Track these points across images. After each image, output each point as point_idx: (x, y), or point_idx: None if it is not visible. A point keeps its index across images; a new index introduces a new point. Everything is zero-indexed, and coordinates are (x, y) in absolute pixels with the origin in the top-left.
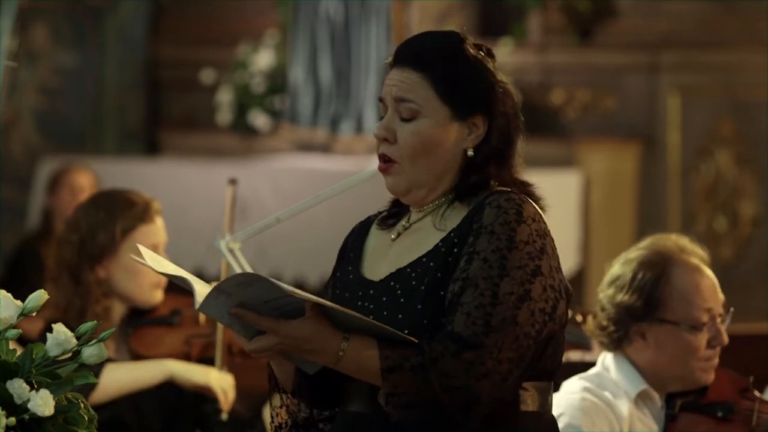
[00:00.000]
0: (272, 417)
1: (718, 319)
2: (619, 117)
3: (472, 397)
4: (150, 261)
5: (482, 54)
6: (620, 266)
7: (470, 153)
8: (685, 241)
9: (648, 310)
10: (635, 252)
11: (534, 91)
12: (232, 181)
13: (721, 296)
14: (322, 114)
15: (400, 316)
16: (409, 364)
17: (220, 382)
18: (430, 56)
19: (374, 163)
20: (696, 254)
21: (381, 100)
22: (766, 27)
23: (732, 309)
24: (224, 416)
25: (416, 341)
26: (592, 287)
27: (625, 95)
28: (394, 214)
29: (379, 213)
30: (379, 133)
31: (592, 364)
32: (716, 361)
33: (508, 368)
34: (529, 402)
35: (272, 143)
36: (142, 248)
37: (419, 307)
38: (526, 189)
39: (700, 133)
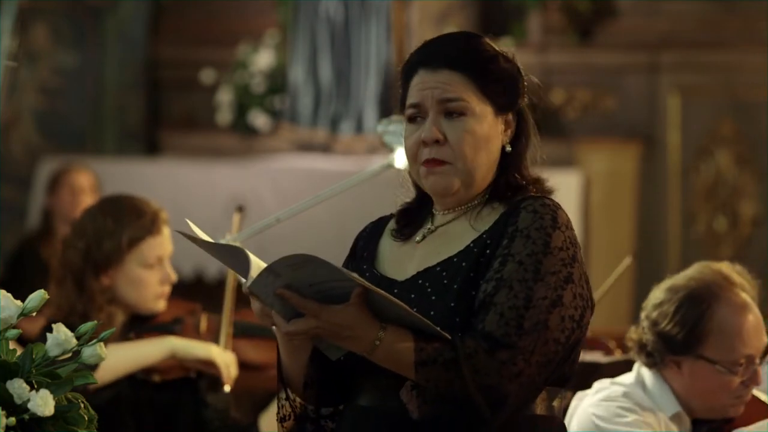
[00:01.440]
0: (278, 408)
1: (757, 362)
2: (619, 117)
3: (502, 397)
4: (200, 235)
5: (506, 49)
6: (666, 292)
7: (508, 149)
8: (734, 273)
9: (687, 345)
10: (683, 280)
11: (534, 91)
12: (240, 209)
13: (764, 336)
14: (322, 114)
15: (432, 312)
16: (443, 358)
17: (222, 356)
18: (465, 55)
19: (374, 163)
20: (744, 288)
21: (416, 105)
22: (766, 27)
23: None
24: (227, 388)
25: (449, 337)
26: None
27: (625, 95)
28: (407, 224)
29: (392, 216)
30: (429, 135)
31: (591, 364)
32: (748, 397)
33: (536, 371)
34: (539, 405)
35: (272, 143)
36: (190, 223)
37: (452, 305)
38: (542, 186)
39: (700, 133)
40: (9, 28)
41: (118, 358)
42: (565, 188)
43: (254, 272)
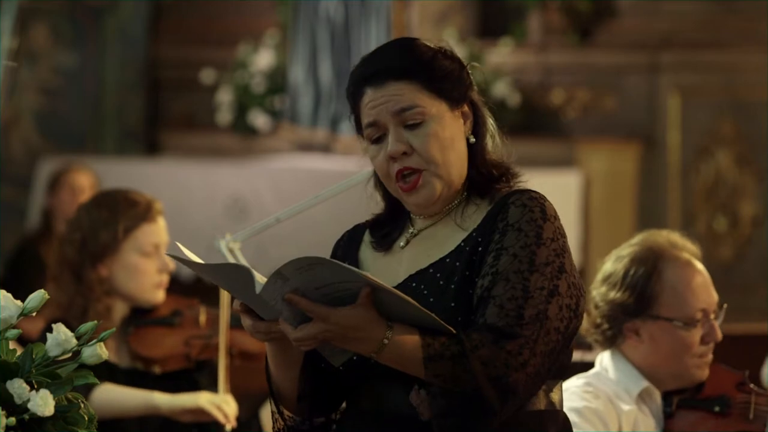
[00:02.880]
0: (273, 421)
1: (712, 316)
2: (619, 117)
3: (510, 387)
4: (191, 257)
5: (442, 44)
6: (612, 263)
7: (472, 140)
8: (676, 237)
9: (641, 306)
10: (627, 249)
11: (534, 91)
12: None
13: (714, 293)
14: (322, 114)
15: (432, 315)
16: (450, 353)
17: (211, 400)
18: (407, 62)
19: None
20: (687, 249)
21: (373, 124)
22: (766, 27)
23: (725, 305)
24: (228, 428)
25: (454, 331)
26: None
27: (625, 95)
28: (385, 235)
29: (368, 222)
30: (395, 148)
31: (590, 364)
32: (710, 357)
33: (541, 361)
34: (542, 399)
35: (272, 143)
36: (180, 246)
37: (452, 304)
38: (509, 169)
39: (700, 133)
40: (9, 28)
41: (100, 402)
42: (565, 188)
43: (260, 282)
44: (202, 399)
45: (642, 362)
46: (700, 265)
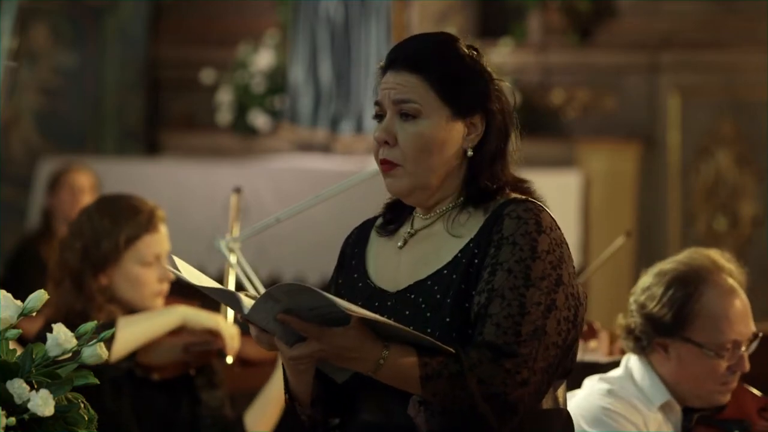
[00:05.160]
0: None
1: (743, 347)
2: (619, 117)
3: (509, 406)
4: (186, 274)
5: (475, 53)
6: (654, 276)
7: (470, 153)
8: (722, 259)
9: (674, 327)
10: (671, 264)
11: (534, 91)
12: (237, 190)
13: (751, 322)
14: (322, 114)
15: (428, 330)
16: (448, 371)
17: (228, 328)
18: (426, 58)
19: (374, 163)
20: (732, 274)
21: (377, 103)
22: (766, 27)
23: (760, 335)
24: (230, 359)
25: (452, 350)
26: (592, 287)
27: (625, 95)
28: (391, 220)
29: (377, 218)
30: (380, 135)
31: (591, 365)
32: (734, 384)
33: (540, 378)
34: (547, 399)
35: (272, 143)
36: (178, 260)
37: (447, 320)
38: (523, 187)
39: (700, 133)
40: (9, 28)
41: (133, 331)
42: (565, 188)
43: (247, 304)
44: (221, 322)
45: (667, 376)
46: (741, 293)
